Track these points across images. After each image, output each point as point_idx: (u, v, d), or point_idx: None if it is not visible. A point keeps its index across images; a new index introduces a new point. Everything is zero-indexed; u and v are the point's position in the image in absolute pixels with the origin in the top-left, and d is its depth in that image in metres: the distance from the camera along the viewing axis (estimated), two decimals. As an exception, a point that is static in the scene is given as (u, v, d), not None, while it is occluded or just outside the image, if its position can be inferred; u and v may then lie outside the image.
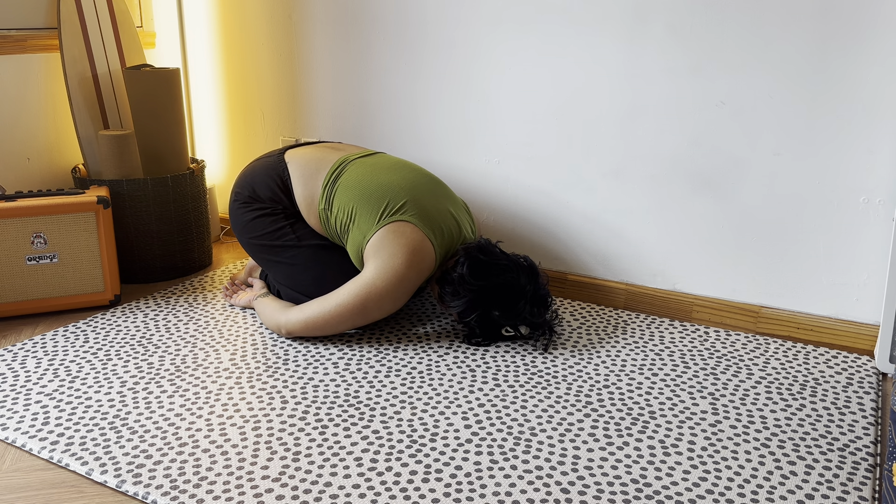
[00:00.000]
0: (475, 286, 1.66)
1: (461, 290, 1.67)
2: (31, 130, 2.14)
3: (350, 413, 1.44)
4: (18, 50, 2.07)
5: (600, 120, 1.90)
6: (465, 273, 1.66)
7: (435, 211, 1.74)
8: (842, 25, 1.61)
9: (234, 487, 1.21)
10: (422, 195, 1.74)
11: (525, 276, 1.68)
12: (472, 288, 1.66)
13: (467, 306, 1.68)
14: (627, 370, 1.62)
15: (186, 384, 1.55)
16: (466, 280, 1.66)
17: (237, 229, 1.85)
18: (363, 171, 1.77)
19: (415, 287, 1.71)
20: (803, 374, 1.61)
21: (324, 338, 1.76)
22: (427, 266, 1.70)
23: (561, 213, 2.02)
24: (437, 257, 1.72)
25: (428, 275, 1.73)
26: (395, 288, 1.66)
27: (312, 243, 1.79)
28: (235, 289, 2.01)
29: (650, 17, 1.78)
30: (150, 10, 2.45)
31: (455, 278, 1.67)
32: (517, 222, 2.08)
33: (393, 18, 2.09)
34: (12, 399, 1.49)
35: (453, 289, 1.68)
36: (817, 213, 1.73)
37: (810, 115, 1.68)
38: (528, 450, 1.32)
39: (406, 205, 1.71)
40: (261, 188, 1.82)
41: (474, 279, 1.66)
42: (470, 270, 1.66)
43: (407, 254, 1.66)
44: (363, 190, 1.73)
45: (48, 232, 1.88)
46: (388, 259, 1.65)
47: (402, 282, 1.66)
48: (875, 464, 1.30)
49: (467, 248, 1.70)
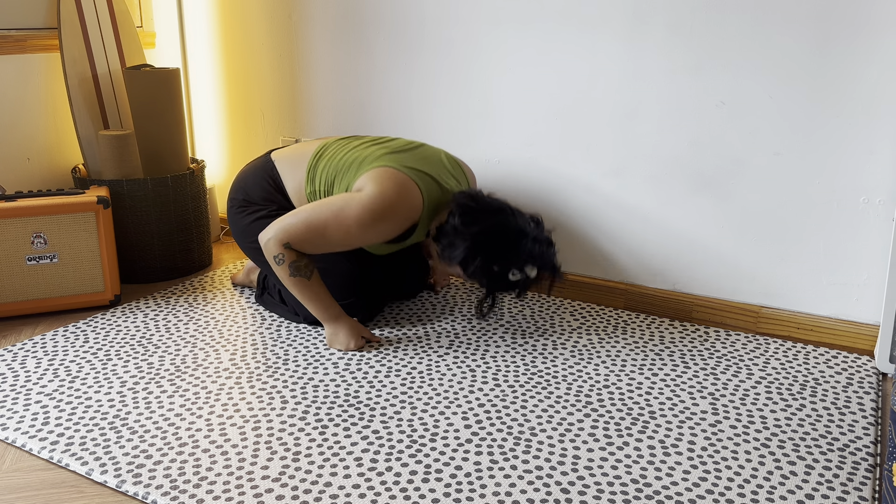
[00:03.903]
0: (471, 232, 1.61)
1: (457, 240, 1.62)
2: (31, 130, 2.14)
3: (350, 413, 1.44)
4: (18, 50, 2.07)
5: (600, 120, 1.90)
6: (457, 223, 1.62)
7: (418, 163, 1.71)
8: (842, 25, 1.61)
9: (234, 487, 1.21)
10: (403, 155, 1.72)
11: (521, 217, 1.64)
12: (469, 234, 1.61)
13: (467, 253, 1.61)
14: (627, 370, 1.62)
15: (186, 384, 1.55)
16: (460, 229, 1.61)
17: (237, 235, 1.85)
18: (341, 147, 1.77)
19: (394, 227, 1.64)
20: (803, 374, 1.61)
21: (324, 338, 1.76)
22: (413, 205, 1.64)
23: (561, 213, 2.02)
24: (423, 204, 1.67)
25: (412, 221, 1.67)
26: (381, 210, 1.60)
27: None
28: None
29: (650, 17, 1.78)
30: (150, 10, 2.45)
31: (449, 230, 1.63)
32: (517, 222, 2.08)
33: (393, 18, 2.09)
34: (12, 399, 1.49)
35: (449, 240, 1.63)
36: (817, 213, 1.73)
37: (810, 115, 1.68)
38: (528, 450, 1.32)
39: (384, 157, 1.69)
40: (253, 190, 1.82)
41: (467, 227, 1.61)
42: (462, 219, 1.62)
43: (394, 185, 1.62)
44: (341, 161, 1.72)
45: (48, 232, 1.88)
46: (376, 185, 1.62)
47: (387, 206, 1.60)
48: (875, 464, 1.30)
49: (456, 198, 1.66)
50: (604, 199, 1.95)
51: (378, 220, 1.61)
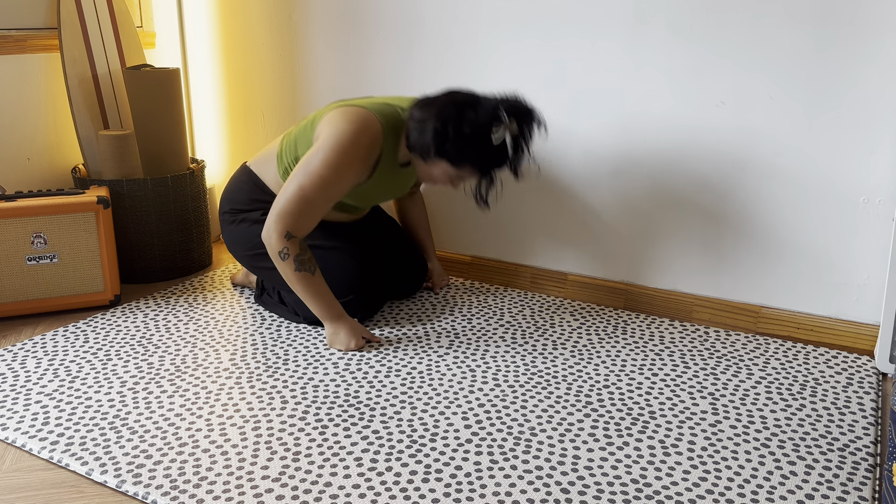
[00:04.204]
0: (431, 112, 1.60)
1: (423, 125, 1.61)
2: (31, 130, 2.14)
3: (350, 413, 1.44)
4: (18, 50, 2.07)
5: (600, 119, 1.90)
6: (416, 114, 1.63)
7: (371, 101, 1.74)
8: (842, 25, 1.61)
9: (234, 487, 1.21)
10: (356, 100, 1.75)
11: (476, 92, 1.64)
12: (430, 114, 1.60)
13: (436, 131, 1.58)
14: (627, 370, 1.62)
15: (186, 384, 1.55)
16: (420, 116, 1.62)
17: (234, 247, 1.87)
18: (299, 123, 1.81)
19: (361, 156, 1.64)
20: (803, 374, 1.61)
21: (324, 338, 1.76)
22: (372, 131, 1.64)
23: (561, 213, 2.02)
24: (382, 126, 1.66)
25: (377, 145, 1.66)
26: (340, 144, 1.61)
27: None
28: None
29: (650, 17, 1.78)
30: (150, 10, 2.45)
31: (413, 125, 1.64)
32: (516, 222, 2.08)
33: (392, 18, 2.09)
34: (12, 399, 1.49)
35: (417, 132, 1.62)
36: (817, 213, 1.73)
37: (810, 115, 1.68)
38: (528, 450, 1.32)
39: (334, 105, 1.73)
40: (238, 196, 1.85)
41: (426, 109, 1.61)
42: (419, 108, 1.63)
43: (347, 118, 1.64)
44: (298, 127, 1.77)
45: (48, 232, 1.88)
46: (331, 126, 1.64)
47: (346, 138, 1.61)
48: (875, 464, 1.30)
49: (412, 105, 1.68)
50: (604, 199, 1.95)
51: (342, 153, 1.62)
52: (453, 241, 2.20)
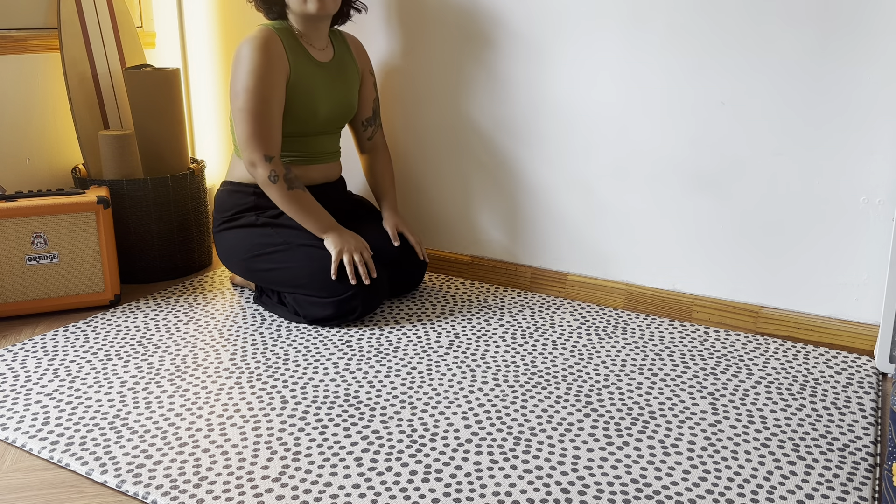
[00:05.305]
0: None
1: None
2: (31, 130, 2.14)
3: (350, 413, 1.44)
4: (18, 50, 2.07)
5: (600, 119, 1.90)
6: None
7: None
8: (842, 25, 1.61)
9: (234, 487, 1.21)
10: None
11: None
12: None
13: None
14: (627, 370, 1.62)
15: (186, 384, 1.55)
16: None
17: (229, 257, 1.91)
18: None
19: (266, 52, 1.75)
20: (803, 374, 1.61)
21: (324, 338, 1.76)
22: (264, 33, 1.77)
23: (561, 213, 2.02)
24: (271, 26, 1.81)
25: (276, 42, 1.78)
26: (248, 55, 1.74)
27: (298, 242, 1.82)
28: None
29: (650, 16, 1.78)
30: (150, 10, 2.45)
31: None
32: (516, 222, 2.08)
33: (390, 18, 2.09)
34: (12, 399, 1.49)
35: None
36: (817, 212, 1.73)
37: (810, 114, 1.68)
38: (528, 450, 1.32)
39: None
40: (224, 202, 1.91)
41: None
42: None
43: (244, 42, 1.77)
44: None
45: (48, 232, 1.88)
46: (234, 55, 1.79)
47: (246, 41, 1.76)
48: (875, 464, 1.30)
49: None
50: (604, 199, 1.95)
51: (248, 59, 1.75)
52: (453, 241, 2.20)
